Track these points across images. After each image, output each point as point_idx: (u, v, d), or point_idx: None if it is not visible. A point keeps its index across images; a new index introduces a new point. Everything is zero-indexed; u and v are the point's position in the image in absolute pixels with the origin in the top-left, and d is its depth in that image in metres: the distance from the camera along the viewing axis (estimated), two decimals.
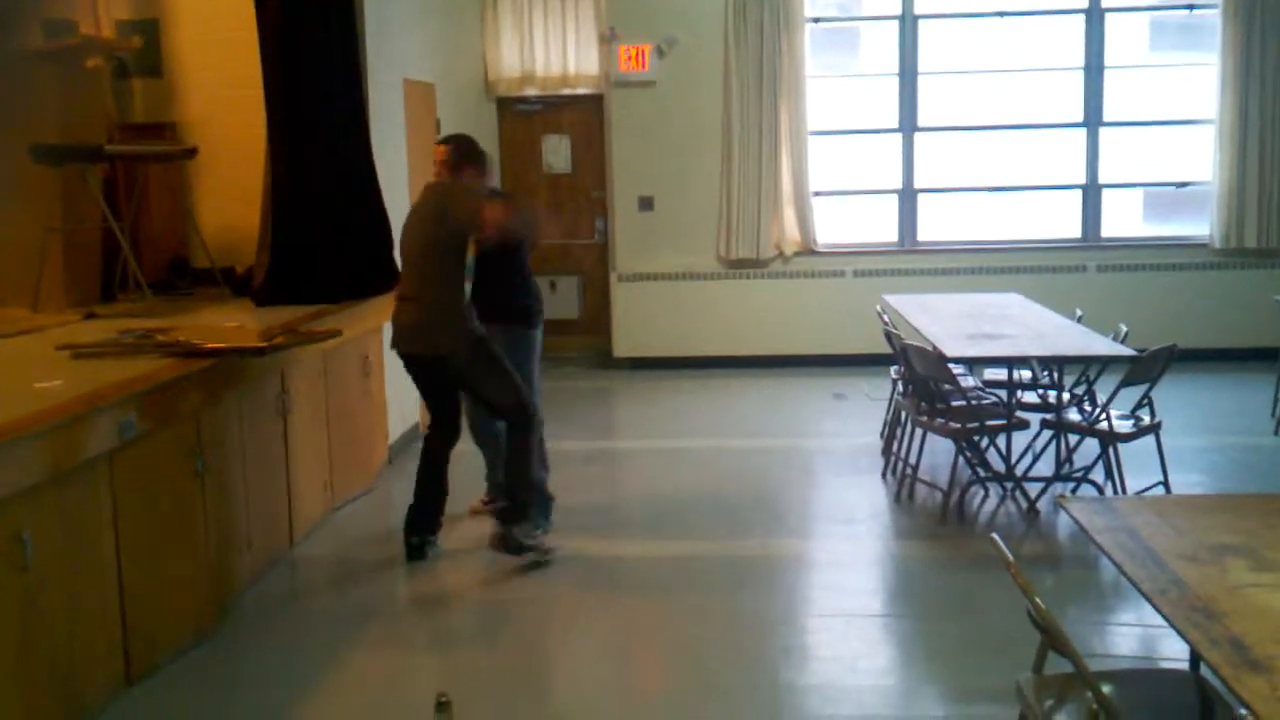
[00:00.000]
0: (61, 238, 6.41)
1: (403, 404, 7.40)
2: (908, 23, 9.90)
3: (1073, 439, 6.24)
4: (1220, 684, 2.39)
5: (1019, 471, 6.23)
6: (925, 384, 6.19)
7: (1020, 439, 6.34)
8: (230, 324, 5.66)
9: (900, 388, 6.87)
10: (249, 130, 6.60)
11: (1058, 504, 5.85)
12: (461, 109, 9.42)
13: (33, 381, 4.24)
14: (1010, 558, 2.95)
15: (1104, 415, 5.97)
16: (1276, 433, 7.49)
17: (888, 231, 10.15)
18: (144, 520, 4.36)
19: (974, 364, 6.87)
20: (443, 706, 2.90)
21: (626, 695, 4.41)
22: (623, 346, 10.17)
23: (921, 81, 9.97)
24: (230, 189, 7.02)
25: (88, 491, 4.06)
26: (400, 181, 7.53)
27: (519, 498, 5.49)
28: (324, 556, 5.78)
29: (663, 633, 4.91)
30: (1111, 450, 6.04)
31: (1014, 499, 6.23)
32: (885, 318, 7.20)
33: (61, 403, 3.92)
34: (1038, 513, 6.05)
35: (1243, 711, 2.37)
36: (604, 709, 4.25)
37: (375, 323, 6.76)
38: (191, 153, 7.00)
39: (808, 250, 9.95)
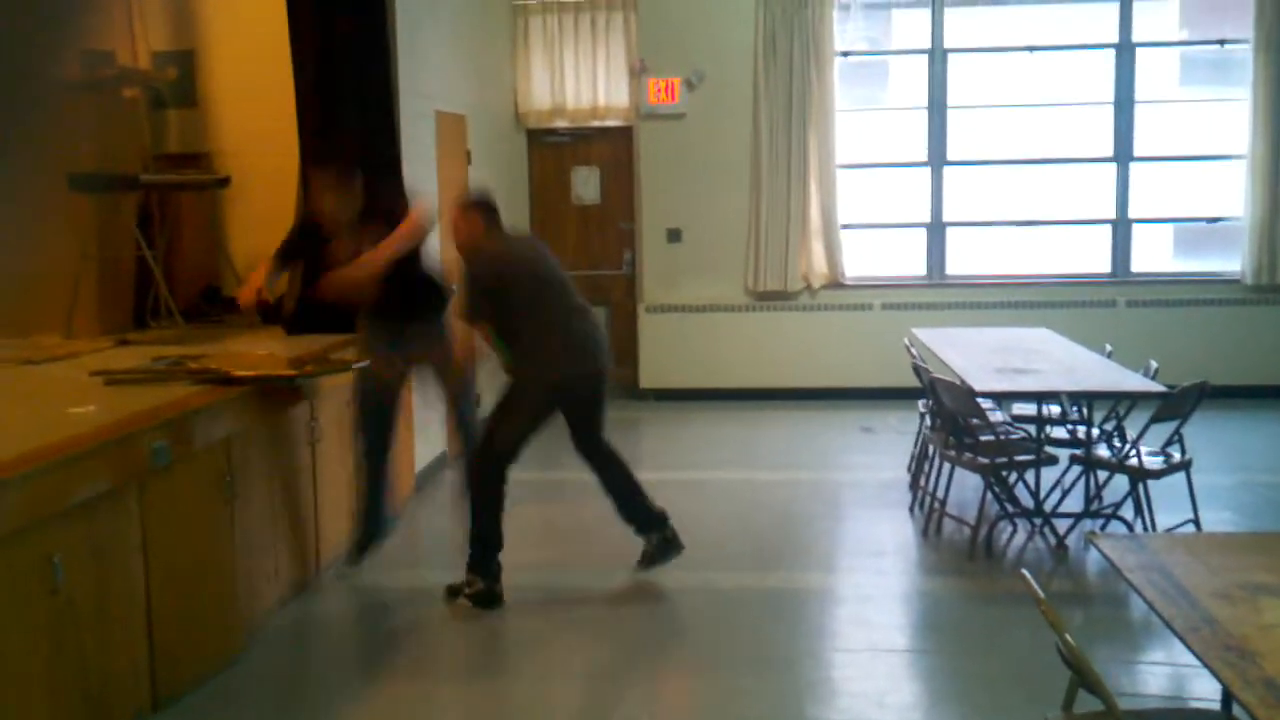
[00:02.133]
0: (96, 265, 6.48)
1: (429, 432, 7.41)
2: (937, 56, 9.92)
3: (1102, 475, 6.19)
4: None
5: (1048, 507, 6.18)
6: (953, 418, 6.16)
7: (1049, 475, 6.30)
8: (261, 352, 5.70)
9: (928, 421, 6.84)
10: (281, 160, 6.67)
11: (1087, 540, 5.80)
12: (492, 140, 9.49)
13: (66, 407, 4.29)
14: (1040, 594, 2.93)
15: (1134, 451, 5.92)
16: None
17: (916, 265, 10.13)
18: (173, 545, 4.39)
19: (1003, 399, 6.84)
20: None
21: None
22: (649, 378, 10.17)
23: (951, 115, 9.98)
24: (262, 218, 7.08)
25: (118, 516, 4.09)
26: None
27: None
28: (350, 584, 5.79)
29: (687, 664, 4.89)
30: (1141, 487, 5.98)
31: (1042, 535, 6.19)
32: (913, 351, 7.18)
33: (94, 428, 3.97)
34: (1066, 549, 6.00)
35: None
36: None
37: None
38: (225, 182, 7.08)
39: (835, 283, 9.94)
